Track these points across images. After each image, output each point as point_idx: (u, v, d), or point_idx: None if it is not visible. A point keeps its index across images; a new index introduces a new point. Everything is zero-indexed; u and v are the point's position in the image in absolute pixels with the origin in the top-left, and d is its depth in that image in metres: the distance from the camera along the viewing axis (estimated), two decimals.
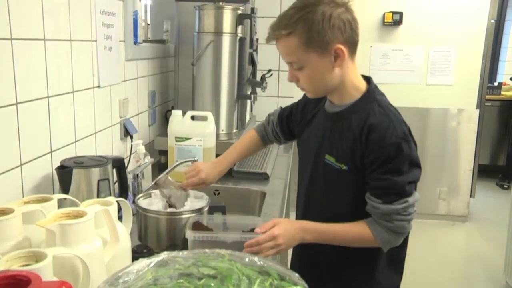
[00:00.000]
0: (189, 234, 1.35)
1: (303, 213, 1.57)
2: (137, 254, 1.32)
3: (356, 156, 1.35)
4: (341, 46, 1.29)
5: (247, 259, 0.96)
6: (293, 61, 1.34)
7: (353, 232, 1.36)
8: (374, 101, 1.37)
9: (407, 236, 1.46)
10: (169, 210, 1.57)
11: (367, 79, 1.43)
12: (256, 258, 0.97)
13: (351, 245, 1.38)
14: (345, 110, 1.40)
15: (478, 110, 4.47)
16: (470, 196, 4.61)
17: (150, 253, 1.38)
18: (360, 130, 1.34)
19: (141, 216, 1.53)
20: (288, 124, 1.71)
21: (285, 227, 1.33)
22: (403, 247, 1.48)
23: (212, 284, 0.85)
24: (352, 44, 1.33)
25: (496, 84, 5.99)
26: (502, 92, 5.73)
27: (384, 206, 1.30)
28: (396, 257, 1.49)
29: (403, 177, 1.30)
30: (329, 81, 1.35)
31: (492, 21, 4.39)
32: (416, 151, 1.35)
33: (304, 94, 1.61)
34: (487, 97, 4.91)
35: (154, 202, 1.59)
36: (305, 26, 1.27)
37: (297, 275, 0.95)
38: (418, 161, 1.35)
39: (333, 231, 1.36)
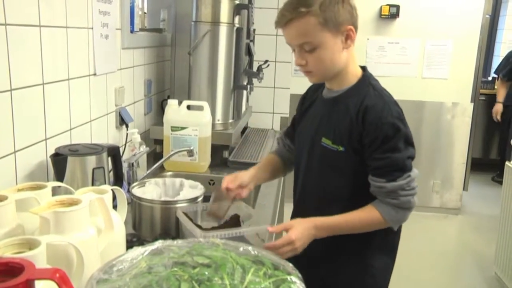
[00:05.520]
0: (200, 234, 1.30)
1: (299, 201, 1.59)
2: (127, 243, 1.32)
3: (353, 137, 1.38)
4: (352, 28, 1.36)
5: (241, 249, 0.97)
6: (308, 41, 1.35)
7: (362, 218, 1.38)
8: (369, 85, 1.43)
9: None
10: (163, 199, 1.58)
11: (362, 67, 1.49)
12: (250, 248, 0.98)
13: (362, 231, 1.40)
14: (342, 94, 1.44)
15: (472, 104, 4.49)
16: (463, 189, 4.64)
17: (140, 242, 1.38)
18: (356, 112, 1.38)
19: (136, 205, 1.53)
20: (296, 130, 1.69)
21: (300, 230, 1.32)
22: (396, 232, 1.50)
23: (206, 273, 0.86)
24: (356, 29, 1.38)
25: (490, 78, 6.01)
26: (495, 87, 5.75)
27: (389, 184, 1.34)
28: (389, 241, 1.51)
29: (402, 153, 1.35)
30: (337, 63, 1.39)
31: (487, 16, 4.39)
32: (409, 128, 1.39)
33: (303, 95, 1.64)
34: (481, 91, 4.93)
35: (148, 191, 1.59)
36: (322, 6, 1.31)
37: (291, 264, 0.96)
38: (412, 140, 1.39)
39: (344, 221, 1.37)
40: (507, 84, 5.19)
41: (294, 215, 1.62)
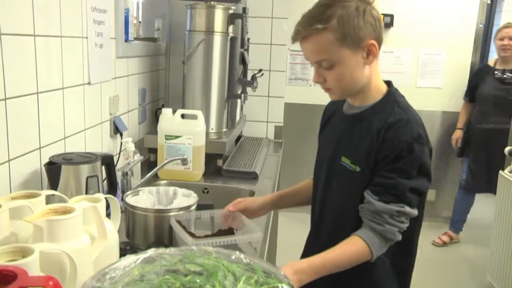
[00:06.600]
0: (191, 242, 1.30)
1: (319, 215, 1.53)
2: (120, 251, 1.33)
3: (371, 156, 1.32)
4: (374, 42, 1.28)
5: (233, 257, 0.97)
6: (325, 58, 1.29)
7: (347, 252, 1.28)
8: (394, 102, 1.35)
9: (415, 249, 1.45)
10: (156, 207, 1.58)
11: (387, 82, 1.42)
12: (242, 256, 0.99)
13: (348, 266, 1.28)
14: (365, 111, 1.38)
15: None
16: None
17: (133, 250, 1.38)
18: (378, 130, 1.31)
19: (129, 213, 1.53)
20: None
21: None
22: (409, 258, 1.46)
23: (198, 281, 0.86)
24: (380, 43, 1.31)
25: None
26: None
27: (379, 204, 1.27)
28: (402, 269, 1.45)
29: (409, 181, 1.27)
30: (359, 80, 1.33)
31: (481, 25, 4.44)
32: (429, 158, 1.31)
33: (325, 110, 1.60)
34: None
35: (142, 199, 1.59)
36: (341, 21, 1.24)
37: (282, 272, 0.97)
38: (429, 170, 1.31)
39: (330, 259, 1.26)
40: (471, 106, 4.21)
41: (313, 230, 1.60)
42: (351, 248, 1.28)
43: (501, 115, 3.84)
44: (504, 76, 3.88)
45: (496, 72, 3.92)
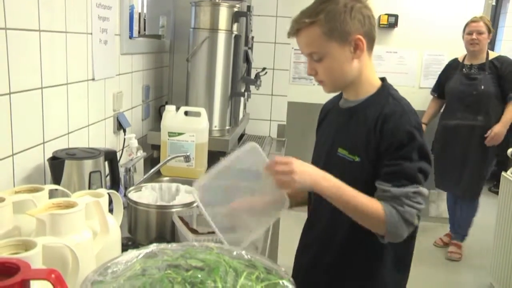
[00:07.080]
0: (192, 238, 1.32)
1: (314, 209, 1.56)
2: (122, 246, 1.33)
3: (370, 147, 1.36)
4: (361, 37, 1.35)
5: (234, 253, 0.98)
6: (313, 51, 1.37)
7: (367, 202, 1.31)
8: (388, 95, 1.41)
9: (414, 237, 1.46)
10: (159, 203, 1.59)
11: (381, 78, 1.48)
12: (243, 252, 0.99)
13: (358, 215, 1.32)
14: (360, 104, 1.43)
15: None
16: None
17: (135, 246, 1.39)
18: (375, 121, 1.36)
19: (132, 209, 1.54)
20: None
21: (306, 164, 1.30)
22: (409, 248, 1.48)
23: (199, 276, 0.87)
24: (370, 39, 1.39)
25: None
26: None
27: (395, 189, 1.30)
28: (402, 258, 1.48)
29: (413, 163, 1.32)
30: (348, 72, 1.39)
31: None
32: (425, 142, 1.37)
33: (322, 107, 1.64)
34: None
35: (144, 195, 1.60)
36: (328, 16, 1.33)
37: (283, 269, 0.97)
38: (428, 154, 1.36)
39: (353, 193, 1.30)
40: (439, 102, 4.16)
41: (308, 222, 1.61)
42: (373, 204, 1.30)
43: (465, 111, 3.84)
44: (471, 71, 3.87)
45: (464, 67, 3.92)
